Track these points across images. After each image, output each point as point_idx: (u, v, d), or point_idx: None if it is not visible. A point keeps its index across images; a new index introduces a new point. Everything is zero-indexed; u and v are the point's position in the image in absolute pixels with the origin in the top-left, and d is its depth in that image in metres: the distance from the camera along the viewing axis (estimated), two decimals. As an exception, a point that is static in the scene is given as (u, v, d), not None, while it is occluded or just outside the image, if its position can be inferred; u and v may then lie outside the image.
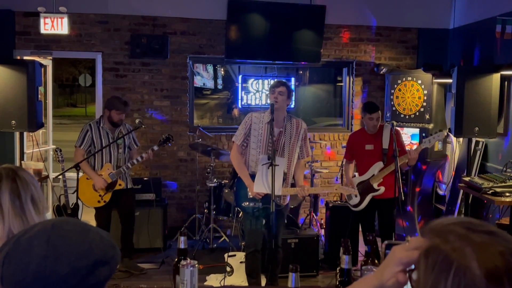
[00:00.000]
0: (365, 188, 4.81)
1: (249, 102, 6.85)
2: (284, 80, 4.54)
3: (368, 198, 4.80)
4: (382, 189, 4.72)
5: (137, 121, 4.95)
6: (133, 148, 5.20)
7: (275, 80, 4.48)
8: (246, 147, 4.21)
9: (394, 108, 6.27)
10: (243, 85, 6.85)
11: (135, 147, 5.23)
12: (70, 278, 0.97)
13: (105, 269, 1.02)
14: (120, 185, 5.01)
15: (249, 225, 4.20)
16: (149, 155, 4.98)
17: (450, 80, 5.64)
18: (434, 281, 0.89)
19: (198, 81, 9.80)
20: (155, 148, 5.04)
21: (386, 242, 1.56)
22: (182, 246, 2.19)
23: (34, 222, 1.50)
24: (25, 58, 5.88)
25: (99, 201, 4.98)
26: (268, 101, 4.27)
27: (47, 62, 6.50)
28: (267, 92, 4.23)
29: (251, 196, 4.11)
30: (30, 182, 1.56)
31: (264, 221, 4.19)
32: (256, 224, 4.17)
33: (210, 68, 11.88)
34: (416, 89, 6.11)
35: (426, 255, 0.93)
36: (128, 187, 5.14)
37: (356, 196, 4.84)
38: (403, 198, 4.51)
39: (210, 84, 12.39)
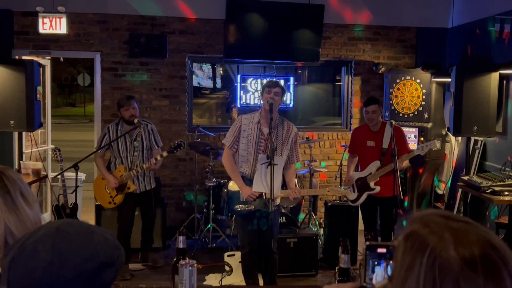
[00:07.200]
0: (362, 185, 4.84)
1: (248, 101, 6.86)
2: (278, 81, 4.54)
3: (364, 196, 4.85)
4: (378, 188, 4.75)
5: (135, 120, 4.91)
6: (154, 149, 5.02)
7: (269, 80, 4.44)
8: (236, 151, 4.19)
9: (393, 107, 6.28)
10: (242, 84, 6.86)
11: (156, 148, 5.03)
12: (76, 282, 0.98)
13: (110, 271, 1.03)
14: (129, 188, 4.89)
15: (242, 226, 4.18)
16: (150, 164, 4.81)
17: (448, 79, 5.64)
18: (411, 261, 0.92)
19: (193, 80, 9.81)
20: (164, 154, 4.85)
21: (367, 243, 1.57)
22: (181, 245, 2.19)
23: (27, 215, 1.55)
24: (23, 58, 5.87)
25: (109, 202, 4.94)
26: (261, 101, 4.21)
27: (46, 61, 6.49)
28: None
29: (244, 199, 4.11)
30: (16, 178, 1.61)
31: (256, 223, 4.14)
32: (248, 225, 4.13)
33: (205, 67, 11.86)
34: (414, 88, 6.12)
35: (405, 238, 0.96)
36: (147, 189, 5.02)
37: (354, 192, 4.87)
38: (402, 197, 4.52)
39: (205, 83, 12.39)
